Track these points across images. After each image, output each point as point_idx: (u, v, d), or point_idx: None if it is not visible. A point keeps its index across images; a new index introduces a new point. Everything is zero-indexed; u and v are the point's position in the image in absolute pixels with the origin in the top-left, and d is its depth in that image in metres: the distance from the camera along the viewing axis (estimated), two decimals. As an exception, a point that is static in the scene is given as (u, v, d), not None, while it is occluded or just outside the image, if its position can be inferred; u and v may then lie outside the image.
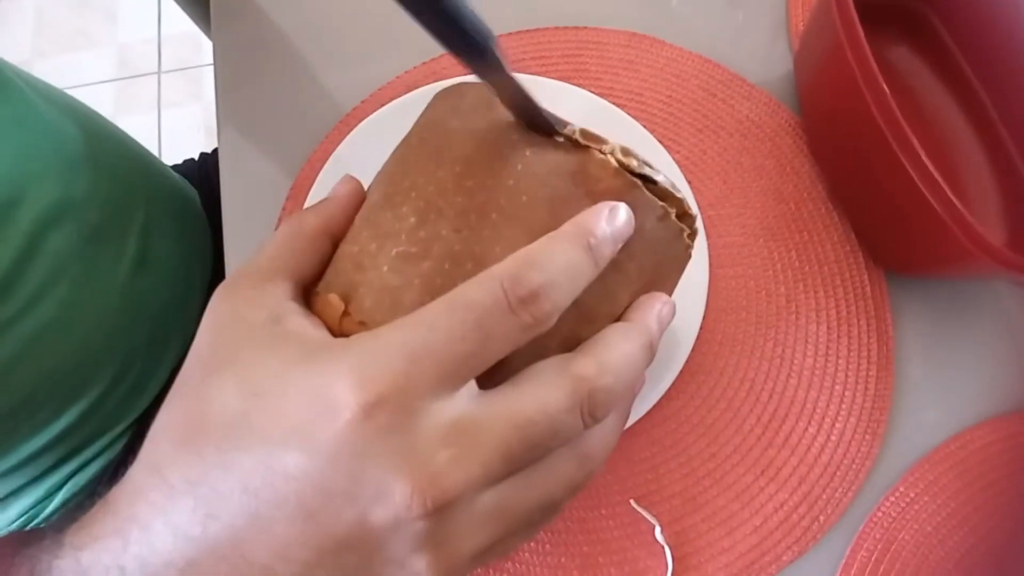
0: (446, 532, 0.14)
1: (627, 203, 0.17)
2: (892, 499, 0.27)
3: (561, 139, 0.17)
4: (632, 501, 0.26)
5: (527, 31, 0.33)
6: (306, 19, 0.34)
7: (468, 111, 0.18)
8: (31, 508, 0.36)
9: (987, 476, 0.27)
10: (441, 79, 0.31)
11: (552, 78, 0.31)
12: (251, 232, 0.30)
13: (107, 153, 0.36)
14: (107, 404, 0.36)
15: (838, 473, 0.27)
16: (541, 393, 0.15)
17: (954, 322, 0.29)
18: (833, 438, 0.27)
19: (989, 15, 0.30)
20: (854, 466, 0.27)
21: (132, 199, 0.36)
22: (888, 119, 0.23)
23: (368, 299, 0.17)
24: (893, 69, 0.32)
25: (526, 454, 0.15)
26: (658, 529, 0.25)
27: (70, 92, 0.39)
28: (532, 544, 0.26)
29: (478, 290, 0.14)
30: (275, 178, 0.31)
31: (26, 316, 0.30)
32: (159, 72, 1.10)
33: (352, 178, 0.20)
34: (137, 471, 0.15)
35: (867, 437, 0.27)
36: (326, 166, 0.29)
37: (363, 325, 0.16)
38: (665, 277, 0.19)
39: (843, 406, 0.27)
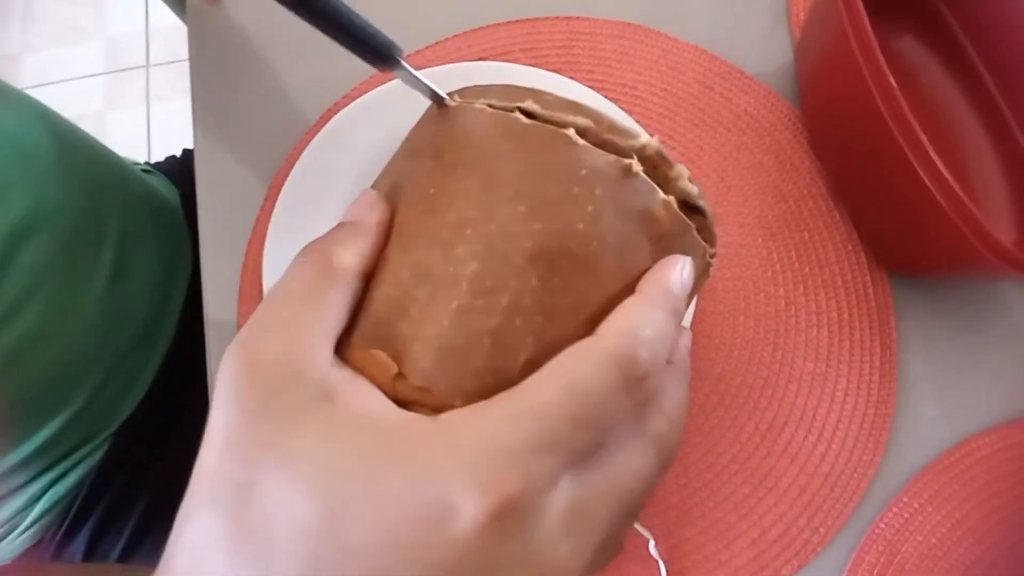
0: None
1: (680, 247, 0.16)
2: (895, 509, 0.26)
3: (619, 158, 0.15)
4: (625, 513, 0.25)
5: (516, 21, 0.32)
6: (283, 15, 0.32)
7: (523, 132, 0.15)
8: (12, 517, 0.35)
9: (993, 485, 0.26)
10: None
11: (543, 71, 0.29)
12: (228, 234, 0.29)
13: (80, 161, 0.35)
14: (89, 414, 0.35)
15: (839, 483, 0.26)
16: (635, 464, 0.15)
17: (959, 325, 0.28)
18: (834, 446, 0.26)
19: (1002, 7, 0.29)
20: (856, 475, 0.26)
21: (107, 207, 0.35)
22: (894, 113, 0.22)
23: (426, 359, 0.14)
24: (899, 60, 0.31)
25: (623, 524, 0.15)
26: (652, 543, 0.24)
27: (59, 86, 0.38)
28: (521, 559, 0.25)
29: (594, 372, 0.13)
30: (252, 178, 0.30)
31: (4, 330, 0.29)
32: (148, 66, 1.08)
33: (379, 200, 0.16)
34: None
35: (869, 445, 0.26)
36: (297, 166, 0.28)
37: (425, 392, 0.14)
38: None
39: (844, 413, 0.26)
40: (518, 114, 0.16)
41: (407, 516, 0.12)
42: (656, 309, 0.15)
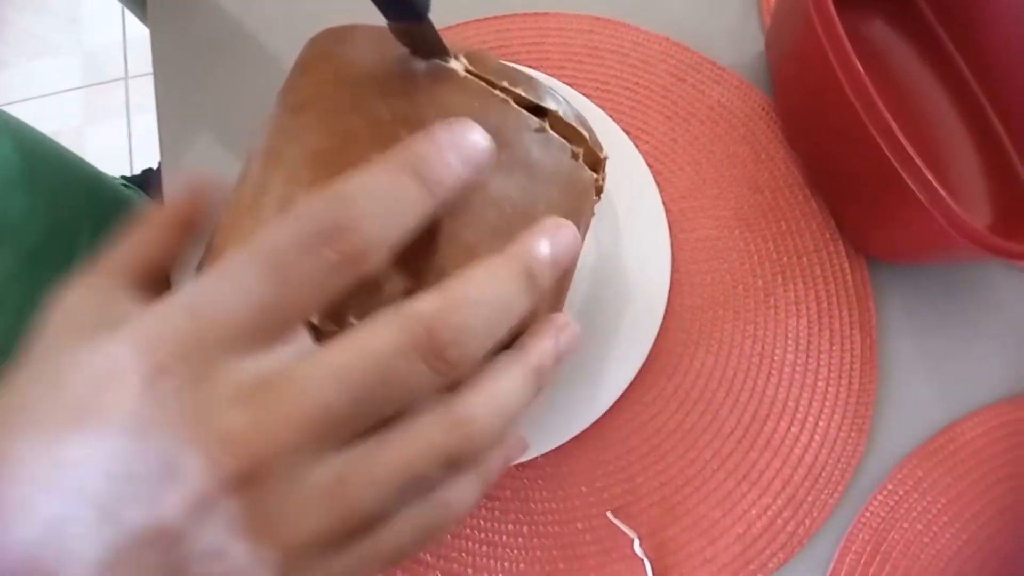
0: (270, 513, 0.12)
1: (495, 119, 0.15)
2: (880, 498, 0.25)
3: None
4: (609, 513, 0.25)
5: (485, 19, 0.31)
6: (247, 14, 0.32)
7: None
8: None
9: (978, 469, 0.26)
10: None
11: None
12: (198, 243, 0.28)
13: (47, 172, 0.34)
14: None
15: (823, 474, 0.25)
16: (368, 337, 0.12)
17: (940, 310, 0.28)
18: (817, 437, 0.26)
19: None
20: (840, 466, 0.26)
21: (77, 220, 0.34)
22: (862, 99, 0.22)
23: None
24: (871, 46, 0.31)
25: (353, 409, 0.12)
26: (637, 542, 0.24)
27: (37, 101, 0.37)
28: (505, 564, 0.24)
29: (276, 229, 0.12)
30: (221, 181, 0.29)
31: None
32: (126, 77, 1.07)
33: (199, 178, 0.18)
34: None
35: (852, 435, 0.26)
36: None
37: None
38: (558, 206, 0.16)
39: (826, 403, 0.26)
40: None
41: (85, 384, 0.12)
42: (382, 168, 0.13)
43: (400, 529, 0.14)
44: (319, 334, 0.14)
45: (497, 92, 0.15)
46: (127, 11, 1.09)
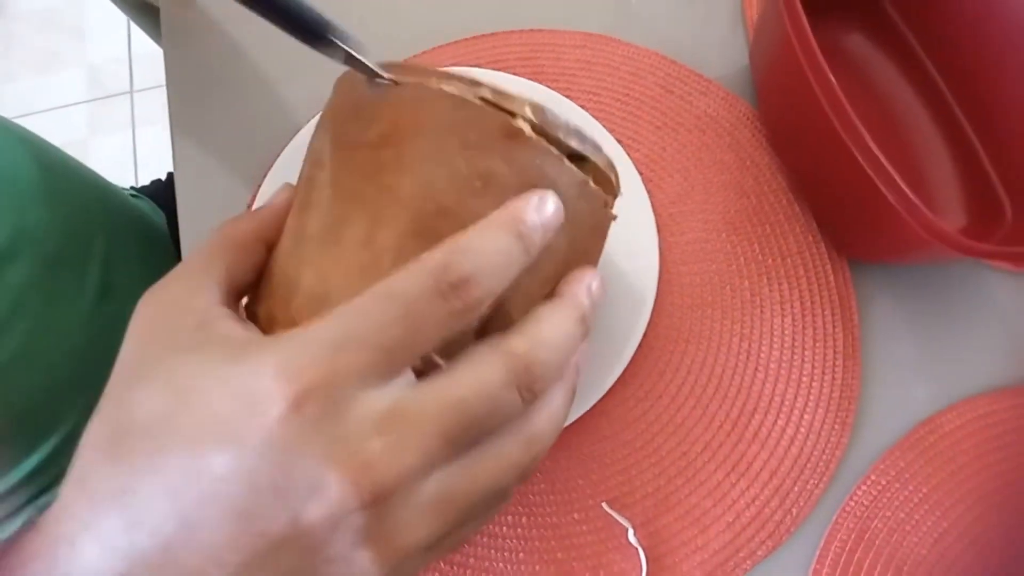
0: (389, 524, 0.14)
1: (552, 176, 0.17)
2: (864, 488, 0.27)
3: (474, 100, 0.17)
4: (604, 504, 0.26)
5: (481, 36, 0.33)
6: (257, 32, 0.33)
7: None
8: (8, 543, 0.36)
9: (958, 459, 0.27)
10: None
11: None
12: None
13: (62, 183, 0.35)
14: (79, 437, 0.35)
15: (808, 465, 0.27)
16: (476, 373, 0.15)
17: (919, 308, 0.29)
18: (803, 430, 0.27)
19: (942, 1, 0.30)
20: (824, 457, 0.27)
21: (91, 229, 0.36)
22: (836, 109, 0.23)
23: (302, 299, 0.17)
24: (849, 58, 0.32)
25: (465, 436, 0.14)
26: (631, 531, 0.25)
27: (43, 115, 0.38)
28: (505, 554, 0.25)
29: (406, 278, 0.14)
30: (232, 195, 0.30)
31: None
32: (131, 91, 1.09)
33: (290, 186, 0.20)
34: (64, 488, 0.15)
35: (836, 427, 0.27)
36: (266, 178, 0.29)
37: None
38: (588, 247, 0.19)
39: (811, 397, 0.27)
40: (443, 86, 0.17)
41: (228, 405, 0.14)
42: (490, 229, 0.15)
43: (479, 523, 0.16)
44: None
45: (553, 149, 0.17)
46: (132, 26, 1.11)
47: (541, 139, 0.17)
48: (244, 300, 0.19)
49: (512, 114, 0.16)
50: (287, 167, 0.29)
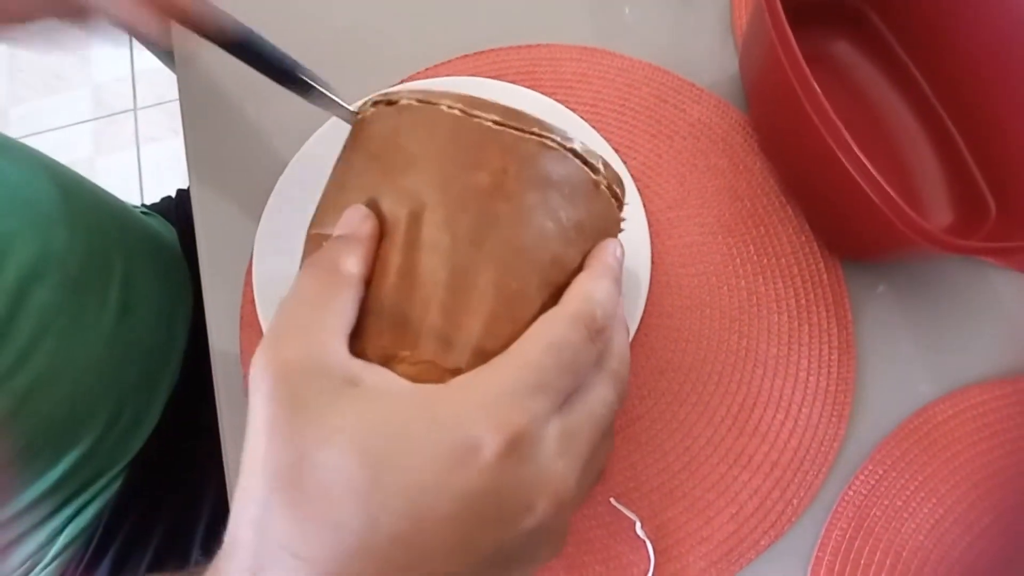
0: (570, 510, 0.17)
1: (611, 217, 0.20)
2: (862, 477, 0.28)
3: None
4: (612, 499, 0.27)
5: (481, 52, 0.34)
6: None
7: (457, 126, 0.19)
8: (34, 554, 0.37)
9: (951, 448, 0.28)
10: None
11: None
12: (227, 266, 0.31)
13: (83, 207, 0.37)
14: (102, 448, 0.36)
15: (808, 456, 0.28)
16: (600, 394, 0.18)
17: (910, 303, 0.31)
18: (801, 423, 0.28)
19: (924, 7, 0.31)
20: (823, 449, 0.28)
21: (110, 250, 0.37)
22: (821, 114, 0.24)
23: (429, 345, 0.18)
24: (834, 63, 0.34)
25: (601, 439, 0.18)
26: (638, 524, 0.26)
27: (48, 135, 0.40)
28: (518, 549, 0.27)
29: (567, 330, 0.17)
30: (247, 212, 0.32)
31: (18, 371, 0.31)
32: (135, 109, 1.11)
33: (367, 212, 0.19)
34: (250, 555, 0.15)
35: (833, 420, 0.28)
36: (272, 197, 0.30)
37: (432, 364, 0.18)
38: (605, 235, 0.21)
39: (808, 391, 0.29)
40: (451, 110, 0.19)
41: (438, 457, 0.15)
42: (603, 279, 0.19)
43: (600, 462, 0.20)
44: None
45: (590, 172, 0.20)
46: (135, 45, 1.13)
47: (607, 191, 0.20)
48: None
49: (589, 165, 0.20)
50: (292, 183, 0.31)
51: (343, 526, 0.14)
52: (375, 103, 0.20)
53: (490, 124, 0.19)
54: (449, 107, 0.19)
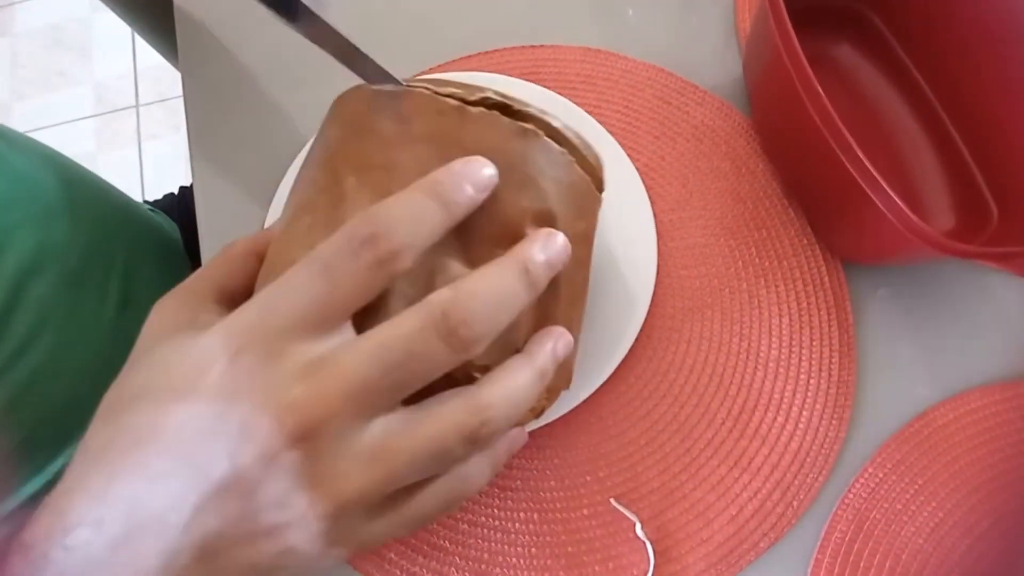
0: (323, 468, 0.15)
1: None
2: (862, 481, 0.28)
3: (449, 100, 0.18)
4: (612, 500, 0.27)
5: (485, 53, 0.34)
6: (273, 46, 0.35)
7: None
8: (33, 548, 0.37)
9: (951, 452, 0.28)
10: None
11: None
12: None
13: (84, 199, 0.37)
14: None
15: (808, 459, 0.28)
16: (395, 322, 0.16)
17: (912, 306, 0.31)
18: (801, 425, 0.28)
19: (928, 11, 0.31)
20: (823, 451, 0.28)
21: (112, 243, 0.37)
22: (824, 119, 0.24)
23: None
24: (837, 66, 0.34)
25: (386, 380, 0.15)
26: (638, 525, 0.26)
27: (50, 131, 0.40)
28: (518, 548, 0.27)
29: (325, 244, 0.16)
30: (251, 208, 0.32)
31: (17, 363, 0.31)
32: (137, 106, 1.11)
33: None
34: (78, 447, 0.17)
35: (834, 422, 0.28)
36: (276, 197, 0.30)
37: None
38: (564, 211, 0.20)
39: (809, 394, 0.29)
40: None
41: (185, 367, 0.16)
42: (408, 192, 0.16)
43: (426, 497, 0.17)
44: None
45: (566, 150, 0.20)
46: (137, 42, 1.13)
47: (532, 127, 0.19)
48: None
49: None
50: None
51: (113, 423, 0.16)
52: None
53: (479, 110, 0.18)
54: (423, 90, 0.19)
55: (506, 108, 0.19)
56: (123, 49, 1.14)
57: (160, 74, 1.12)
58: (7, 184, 0.32)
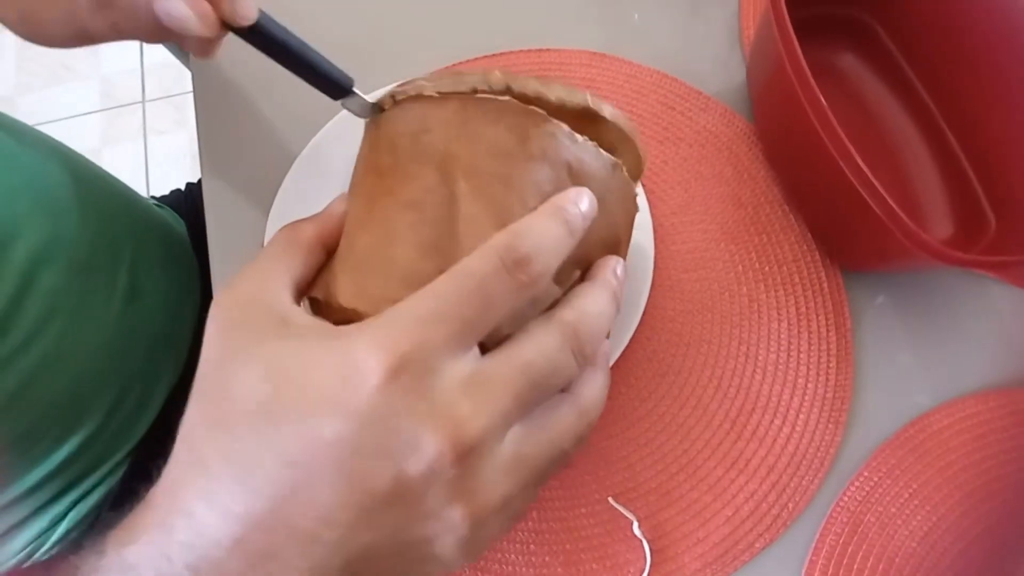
0: (475, 481, 0.15)
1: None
2: (857, 484, 0.28)
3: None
4: (610, 498, 0.27)
5: (492, 55, 0.35)
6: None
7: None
8: (35, 539, 0.37)
9: (945, 457, 0.29)
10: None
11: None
12: (238, 259, 0.31)
13: (92, 192, 0.37)
14: (106, 432, 0.37)
15: (804, 462, 0.28)
16: (536, 340, 0.17)
17: (909, 314, 0.31)
18: (798, 429, 0.29)
19: (930, 23, 0.32)
20: (819, 454, 0.28)
21: (119, 236, 0.37)
22: (826, 127, 0.25)
23: (349, 289, 0.19)
24: (840, 76, 0.34)
25: (533, 394, 0.16)
26: (635, 524, 0.27)
27: (56, 125, 0.40)
28: (517, 545, 0.27)
29: (477, 260, 0.16)
30: (259, 206, 0.32)
31: (24, 352, 0.31)
32: (143, 101, 1.11)
33: (341, 198, 0.21)
34: (173, 465, 0.16)
35: (830, 426, 0.29)
36: (280, 191, 0.31)
37: (355, 313, 0.18)
38: (616, 226, 0.21)
39: (806, 398, 0.29)
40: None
41: (331, 379, 0.15)
42: (543, 217, 0.17)
43: (530, 495, 0.18)
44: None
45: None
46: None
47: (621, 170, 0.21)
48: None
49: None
50: (302, 176, 0.31)
51: (240, 437, 0.15)
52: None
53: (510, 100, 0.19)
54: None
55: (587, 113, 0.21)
56: (130, 45, 1.14)
57: (166, 71, 1.12)
58: (17, 176, 0.32)
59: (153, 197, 0.49)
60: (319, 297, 0.20)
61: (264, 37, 0.23)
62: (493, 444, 0.16)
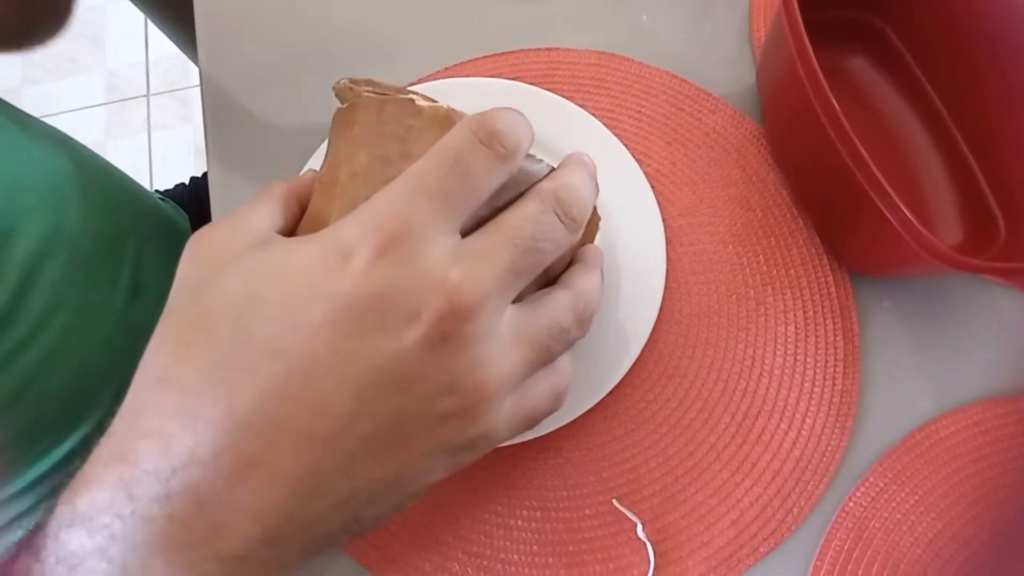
0: (479, 350, 0.15)
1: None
2: (862, 489, 0.28)
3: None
4: (614, 500, 0.27)
5: (501, 54, 0.34)
6: (291, 38, 0.35)
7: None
8: (36, 531, 0.37)
9: (952, 464, 0.29)
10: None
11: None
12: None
13: (97, 185, 0.37)
14: (109, 426, 0.37)
15: (809, 467, 0.28)
16: (519, 208, 0.17)
17: (917, 319, 0.31)
18: (804, 433, 0.28)
19: (942, 28, 0.32)
20: (825, 459, 0.28)
21: (123, 229, 0.37)
22: (837, 130, 0.24)
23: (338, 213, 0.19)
24: (851, 79, 0.34)
25: (525, 259, 0.16)
26: (640, 526, 0.26)
27: (61, 117, 0.40)
28: (520, 545, 0.27)
29: (451, 137, 0.16)
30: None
31: (28, 346, 0.31)
32: (148, 95, 1.11)
33: (314, 169, 0.22)
34: (133, 394, 0.15)
35: (836, 431, 0.28)
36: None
37: None
38: None
39: (812, 402, 0.29)
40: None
41: (311, 267, 0.14)
42: (501, 108, 0.17)
43: (543, 389, 0.18)
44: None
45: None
46: (150, 32, 1.14)
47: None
48: None
49: None
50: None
51: (218, 342, 0.14)
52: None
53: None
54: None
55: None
56: (136, 38, 1.14)
57: (172, 64, 1.12)
58: (22, 168, 0.32)
59: (157, 191, 0.49)
60: None
61: None
62: (492, 314, 0.15)
